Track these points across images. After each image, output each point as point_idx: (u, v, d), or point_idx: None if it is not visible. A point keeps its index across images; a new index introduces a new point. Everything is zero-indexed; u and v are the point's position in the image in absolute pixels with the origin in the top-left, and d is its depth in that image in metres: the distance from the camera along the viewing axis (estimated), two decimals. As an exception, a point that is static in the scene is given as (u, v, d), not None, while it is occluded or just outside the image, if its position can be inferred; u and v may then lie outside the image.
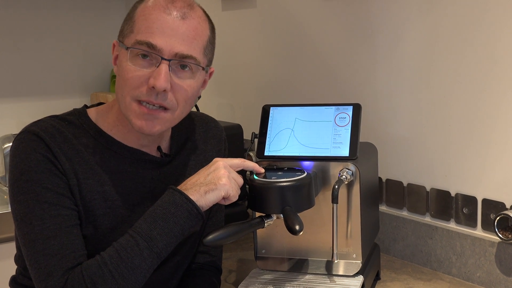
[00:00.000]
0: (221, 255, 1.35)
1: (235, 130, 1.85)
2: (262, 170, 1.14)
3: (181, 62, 1.06)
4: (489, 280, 1.39)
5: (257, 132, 1.30)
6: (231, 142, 1.84)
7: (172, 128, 1.21)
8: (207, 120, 1.33)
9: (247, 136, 1.83)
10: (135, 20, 1.06)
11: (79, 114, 1.12)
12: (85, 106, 1.16)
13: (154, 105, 1.05)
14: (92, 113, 1.14)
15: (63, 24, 2.38)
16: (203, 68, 1.11)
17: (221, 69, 2.27)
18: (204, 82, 1.16)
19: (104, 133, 1.11)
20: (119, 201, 1.09)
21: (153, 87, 1.03)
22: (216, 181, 1.04)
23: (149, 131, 1.07)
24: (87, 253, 1.03)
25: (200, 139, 1.27)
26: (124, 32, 1.08)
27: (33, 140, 1.04)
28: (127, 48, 1.05)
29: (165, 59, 1.03)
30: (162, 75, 1.02)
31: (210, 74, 1.17)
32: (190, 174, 1.16)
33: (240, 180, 1.08)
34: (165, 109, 1.07)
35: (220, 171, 1.05)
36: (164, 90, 1.04)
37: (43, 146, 1.03)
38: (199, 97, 1.97)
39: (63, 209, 1.02)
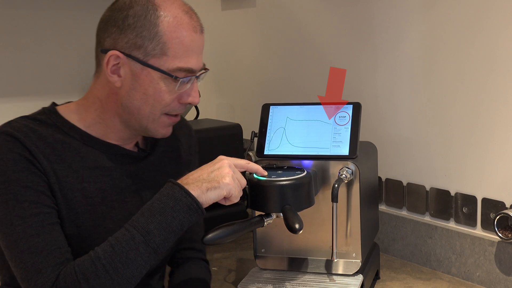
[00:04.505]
0: (205, 249, 1.35)
1: (235, 130, 1.85)
2: (265, 173, 1.13)
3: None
4: (488, 280, 1.39)
5: (256, 131, 1.30)
6: (231, 141, 1.84)
7: None
8: None
9: (246, 135, 1.83)
10: (165, 41, 1.04)
11: (50, 113, 1.11)
12: (54, 104, 1.15)
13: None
14: (63, 110, 1.12)
15: (63, 24, 2.37)
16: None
17: (220, 69, 2.28)
18: None
19: (79, 130, 1.10)
20: (98, 198, 1.08)
21: (189, 103, 1.09)
22: (220, 179, 1.02)
23: (169, 134, 1.14)
24: (71, 251, 1.02)
25: (172, 136, 1.25)
26: (149, 50, 1.04)
27: (8, 140, 1.02)
28: (172, 76, 1.05)
29: (197, 76, 1.10)
30: (197, 92, 1.10)
31: None
32: (166, 171, 1.18)
33: (244, 182, 1.07)
34: None
35: (225, 170, 1.04)
36: None
37: (18, 145, 1.01)
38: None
39: (44, 207, 1.01)
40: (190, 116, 2.04)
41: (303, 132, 1.25)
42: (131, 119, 1.09)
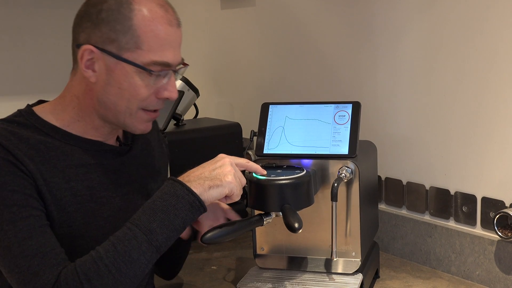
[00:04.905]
0: None
1: (234, 129, 1.85)
2: (265, 172, 1.13)
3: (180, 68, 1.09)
4: (488, 279, 1.39)
5: (256, 130, 1.30)
6: (230, 140, 1.85)
7: None
8: None
9: (246, 134, 1.83)
10: (139, 35, 1.03)
11: (27, 114, 1.08)
12: (29, 106, 1.13)
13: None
14: (40, 111, 1.10)
15: (62, 23, 2.37)
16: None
17: (220, 68, 2.27)
18: None
19: (59, 129, 1.08)
20: (87, 195, 1.07)
21: (166, 98, 1.07)
22: (222, 178, 1.02)
23: (148, 130, 1.12)
24: (64, 251, 1.00)
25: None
26: (123, 44, 1.03)
27: None
28: (146, 69, 1.03)
29: (175, 71, 1.07)
30: (175, 86, 1.07)
31: None
32: (146, 163, 1.19)
33: (244, 180, 1.07)
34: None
35: (227, 168, 1.03)
36: None
37: (1, 150, 0.99)
38: (198, 95, 1.98)
39: (33, 210, 0.99)
40: (189, 115, 2.04)
41: (302, 131, 1.25)
42: (108, 114, 1.08)
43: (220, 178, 1.02)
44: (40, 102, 1.15)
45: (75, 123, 1.10)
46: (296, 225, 1.06)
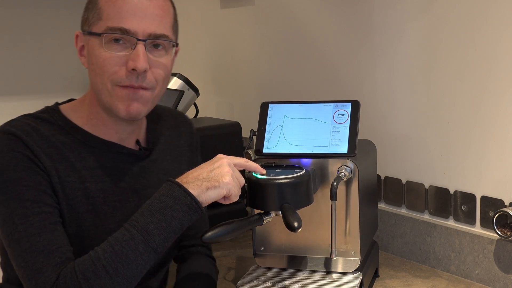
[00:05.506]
0: (211, 247, 1.34)
1: (234, 128, 1.85)
2: (264, 172, 1.13)
3: (155, 41, 1.06)
4: (487, 278, 1.39)
5: (255, 129, 1.30)
6: (230, 140, 1.84)
7: (147, 121, 1.21)
8: (176, 115, 1.32)
9: (246, 133, 1.83)
10: (100, 7, 1.05)
11: (52, 111, 1.11)
12: (57, 103, 1.15)
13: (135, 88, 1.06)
14: (65, 109, 1.12)
15: (62, 22, 2.37)
16: (176, 45, 1.11)
17: (219, 67, 2.28)
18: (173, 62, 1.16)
19: (80, 129, 1.10)
20: (100, 198, 1.08)
21: (133, 69, 1.03)
22: (220, 178, 1.01)
23: (136, 114, 1.07)
24: (72, 250, 1.02)
25: (172, 134, 1.26)
26: (90, 20, 1.06)
27: (10, 139, 1.02)
28: (99, 35, 1.03)
29: (141, 40, 1.04)
30: (141, 56, 1.03)
31: (176, 53, 1.16)
32: (169, 169, 1.17)
33: (242, 180, 1.07)
34: (146, 89, 1.07)
35: (225, 168, 1.03)
36: (144, 71, 1.04)
37: (20, 145, 1.02)
38: (198, 95, 1.98)
39: (46, 206, 1.01)
40: (189, 114, 2.04)
41: (301, 131, 1.25)
42: (98, 99, 1.09)
43: (217, 179, 1.01)
44: (71, 100, 1.17)
45: (89, 121, 1.11)
46: (296, 224, 1.06)
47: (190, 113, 2.06)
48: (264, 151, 1.26)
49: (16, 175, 1.00)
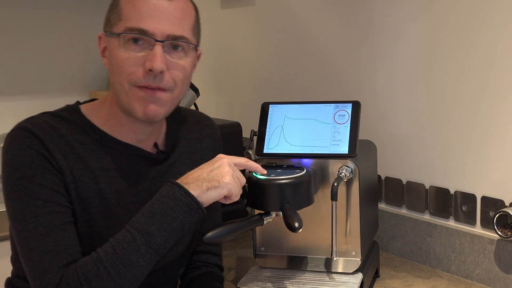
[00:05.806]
0: (221, 253, 1.34)
1: (234, 128, 1.85)
2: (265, 172, 1.13)
3: (173, 43, 1.06)
4: (488, 278, 1.39)
5: (256, 129, 1.30)
6: (230, 140, 1.84)
7: (167, 123, 1.21)
8: (201, 119, 1.31)
9: (246, 134, 1.83)
10: (121, 8, 1.05)
11: (73, 110, 1.11)
12: (78, 103, 1.15)
13: (153, 89, 1.05)
14: (85, 109, 1.12)
15: (62, 22, 2.37)
16: (196, 47, 1.11)
17: (220, 67, 2.28)
18: (194, 65, 1.15)
19: (98, 129, 1.10)
20: (114, 200, 1.08)
21: (150, 69, 1.03)
22: (220, 179, 1.01)
23: (153, 116, 1.07)
24: (82, 251, 1.02)
25: (195, 137, 1.25)
26: (111, 21, 1.07)
27: (27, 136, 1.02)
28: (118, 35, 1.04)
29: (159, 41, 1.04)
30: (158, 57, 1.03)
31: (199, 56, 1.16)
32: (186, 173, 1.16)
33: (243, 180, 1.06)
34: (164, 90, 1.06)
35: (225, 169, 1.03)
36: (161, 72, 1.04)
37: (37, 143, 1.02)
38: (198, 95, 1.98)
39: (58, 206, 1.01)
40: (189, 114, 2.04)
41: (302, 131, 1.25)
42: (117, 100, 1.09)
43: (218, 179, 1.01)
44: (92, 100, 1.18)
45: (108, 122, 1.11)
46: (296, 224, 1.06)
47: (190, 113, 2.06)
48: (265, 151, 1.26)
49: (30, 172, 1.00)
